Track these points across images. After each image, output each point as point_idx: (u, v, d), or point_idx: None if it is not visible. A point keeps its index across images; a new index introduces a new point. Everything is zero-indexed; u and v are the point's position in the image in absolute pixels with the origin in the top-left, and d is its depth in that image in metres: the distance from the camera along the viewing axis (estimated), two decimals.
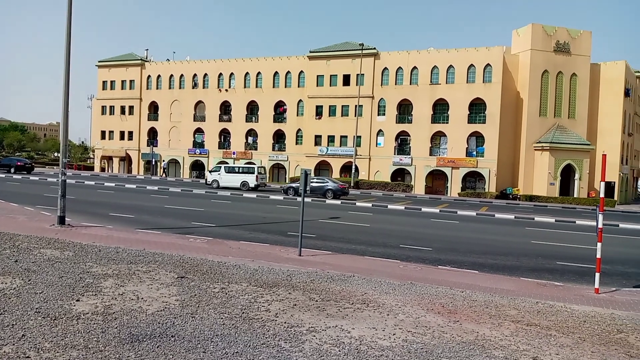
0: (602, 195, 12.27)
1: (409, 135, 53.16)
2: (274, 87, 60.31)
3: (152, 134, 68.66)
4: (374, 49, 53.93)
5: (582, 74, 48.96)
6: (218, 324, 7.51)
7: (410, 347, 7.11)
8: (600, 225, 11.82)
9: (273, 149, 61.02)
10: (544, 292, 11.72)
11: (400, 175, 54.29)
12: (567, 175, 48.60)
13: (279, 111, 61.09)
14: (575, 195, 47.42)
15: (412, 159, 52.45)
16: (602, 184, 12.17)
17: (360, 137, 54.42)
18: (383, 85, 53.96)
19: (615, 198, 49.44)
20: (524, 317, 9.30)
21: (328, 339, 7.20)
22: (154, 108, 68.17)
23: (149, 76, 67.49)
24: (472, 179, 51.29)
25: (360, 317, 8.45)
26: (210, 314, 8.01)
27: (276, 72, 60.11)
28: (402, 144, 54.12)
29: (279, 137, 61.59)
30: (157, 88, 67.18)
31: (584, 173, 47.78)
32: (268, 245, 16.07)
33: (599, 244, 11.89)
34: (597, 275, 11.90)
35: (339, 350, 6.74)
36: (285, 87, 59.71)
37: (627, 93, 51.58)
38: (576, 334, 8.44)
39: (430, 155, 51.84)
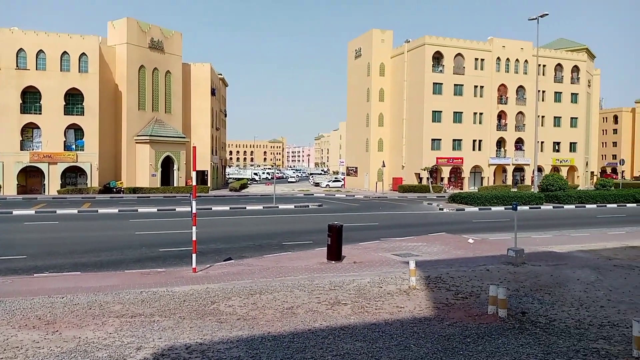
0: (194, 183, 13.59)
1: None
2: None
3: None
4: None
5: (176, 72, 52.88)
6: None
7: None
8: (194, 210, 13.08)
9: None
10: (148, 280, 12.13)
11: None
12: (167, 166, 51.80)
13: None
14: (175, 185, 51.11)
15: None
16: (194, 173, 13.47)
17: None
18: None
19: (209, 185, 56.13)
20: (128, 309, 9.36)
21: None
22: None
23: None
24: (73, 174, 47.95)
25: None
26: None
27: None
28: None
29: None
30: None
31: (182, 164, 52.07)
32: None
33: (194, 228, 13.16)
34: (194, 256, 13.18)
35: None
36: None
37: (213, 92, 58.97)
38: (177, 314, 9.10)
39: (21, 149, 45.31)
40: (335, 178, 71.14)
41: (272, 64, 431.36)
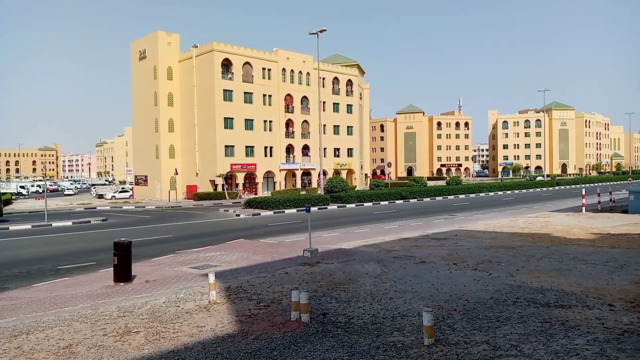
0: None
1: None
2: None
3: None
4: None
5: None
6: None
7: None
8: None
9: None
10: None
11: None
12: None
13: None
14: None
15: None
16: None
17: None
18: None
19: None
20: None
21: None
22: None
23: None
24: None
25: None
26: None
27: None
28: None
29: None
30: None
31: None
32: None
33: None
34: None
35: None
36: None
37: None
38: None
39: None
40: (123, 188, 65.49)
41: (40, 57, 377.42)
